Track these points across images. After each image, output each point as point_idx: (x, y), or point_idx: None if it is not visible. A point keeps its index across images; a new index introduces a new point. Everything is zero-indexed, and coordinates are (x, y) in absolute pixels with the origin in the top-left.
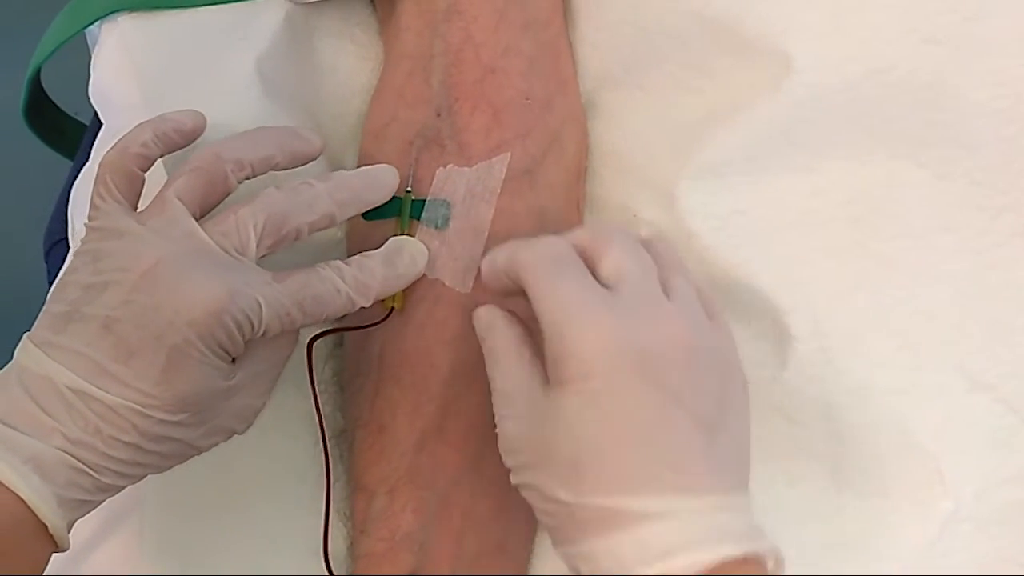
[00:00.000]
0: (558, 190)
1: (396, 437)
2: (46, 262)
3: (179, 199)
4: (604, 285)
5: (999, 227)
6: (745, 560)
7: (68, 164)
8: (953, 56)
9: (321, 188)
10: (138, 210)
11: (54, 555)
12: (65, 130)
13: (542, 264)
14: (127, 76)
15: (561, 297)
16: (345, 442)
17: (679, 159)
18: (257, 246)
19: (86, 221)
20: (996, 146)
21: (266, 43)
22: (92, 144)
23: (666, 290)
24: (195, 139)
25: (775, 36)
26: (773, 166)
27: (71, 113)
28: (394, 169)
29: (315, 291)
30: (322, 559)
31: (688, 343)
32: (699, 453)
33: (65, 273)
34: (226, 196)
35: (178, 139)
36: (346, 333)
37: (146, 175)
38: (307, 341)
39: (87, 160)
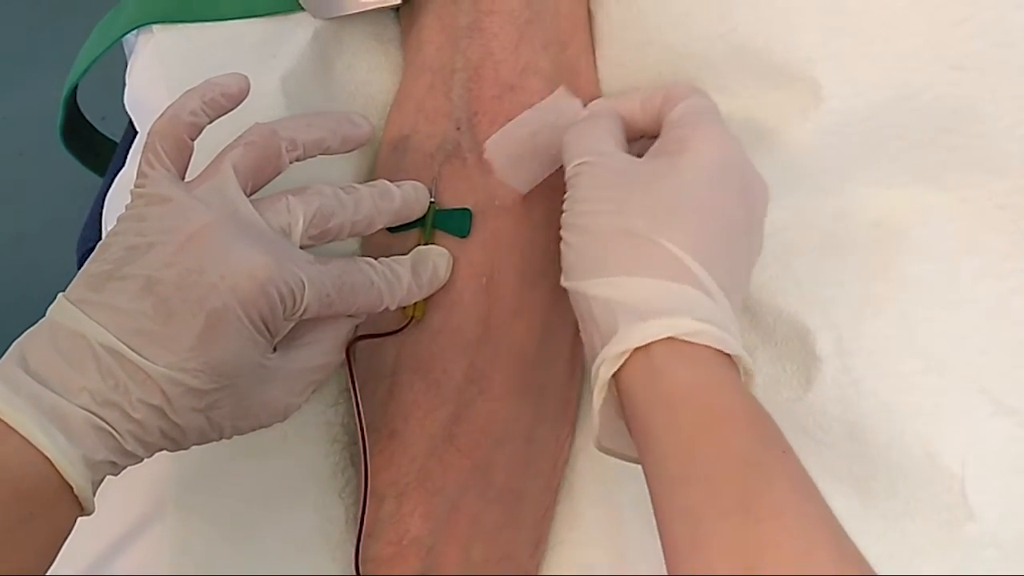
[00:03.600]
0: None
1: (407, 442)
2: (78, 269)
3: (233, 167)
4: None
5: (1022, 252)
6: (747, 369)
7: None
8: (979, 82)
9: (365, 192)
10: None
11: (78, 561)
12: (99, 149)
13: (689, 89)
14: (160, 85)
15: (704, 104)
16: (356, 448)
17: None
18: (302, 234)
19: (132, 188)
20: (1021, 171)
21: (292, 61)
22: (127, 152)
23: None
24: (241, 102)
25: (803, 62)
26: (799, 189)
27: (99, 121)
28: (424, 188)
29: (352, 279)
30: (353, 566)
31: (765, 203)
32: (743, 276)
33: (108, 236)
34: (276, 175)
35: (226, 103)
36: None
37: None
38: (345, 347)
39: (121, 167)
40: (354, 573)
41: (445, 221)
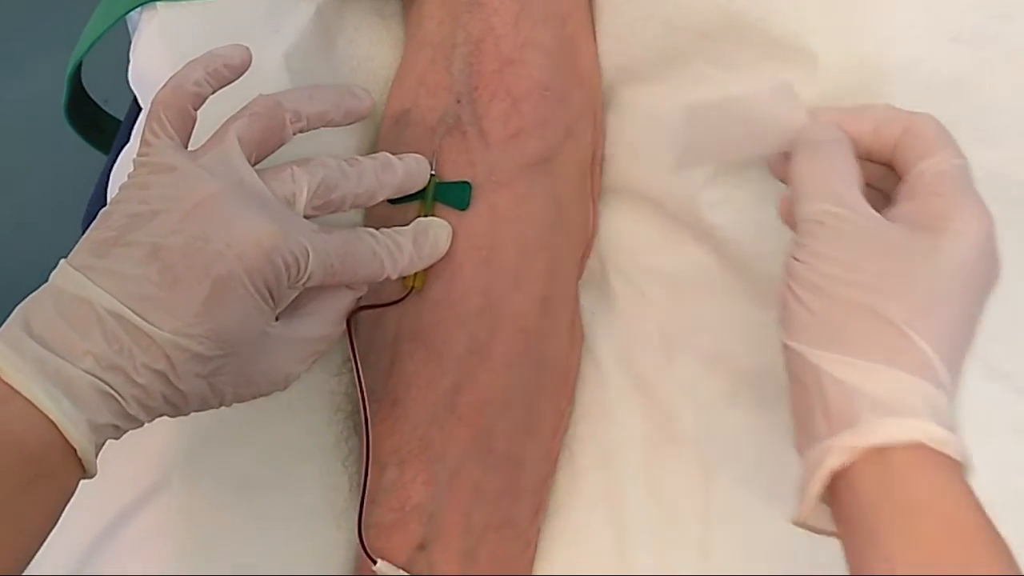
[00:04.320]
0: (573, 179)
1: (409, 411)
2: None
3: (238, 138)
4: None
5: (1017, 218)
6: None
7: (97, 158)
8: (976, 54)
9: (368, 164)
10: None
11: (85, 530)
12: (103, 127)
13: (941, 139)
14: (164, 61)
15: (960, 168)
16: (359, 418)
17: None
18: (306, 204)
19: (135, 157)
20: (1017, 140)
21: (295, 36)
22: (131, 129)
23: None
24: (243, 73)
25: (800, 34)
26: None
27: (103, 103)
28: (425, 161)
29: (355, 249)
30: (356, 532)
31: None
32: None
33: (111, 203)
34: (280, 146)
35: (228, 74)
36: (361, 312)
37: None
38: (346, 315)
39: (126, 143)
40: (357, 539)
41: (445, 194)
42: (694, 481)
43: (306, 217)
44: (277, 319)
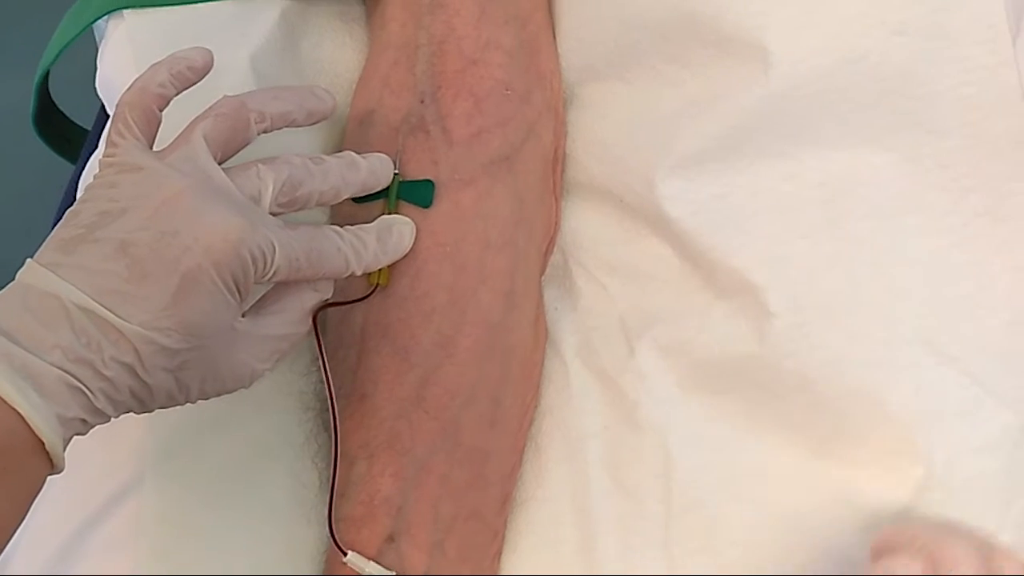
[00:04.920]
0: (535, 176)
1: (376, 405)
2: None
3: (204, 137)
4: None
5: (963, 208)
6: None
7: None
8: (921, 46)
9: (333, 163)
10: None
11: (57, 532)
12: (70, 136)
13: None
14: (132, 68)
15: None
16: (328, 415)
17: (659, 148)
18: (271, 201)
19: (101, 158)
20: (961, 131)
21: (261, 40)
22: (99, 136)
23: None
24: (206, 75)
25: (752, 29)
26: (749, 153)
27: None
28: (389, 160)
29: (320, 245)
30: (327, 526)
31: None
32: None
33: (77, 203)
34: (245, 146)
35: (192, 76)
36: (328, 309)
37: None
38: (311, 314)
39: (95, 150)
40: (328, 532)
41: (409, 192)
42: (656, 470)
43: (272, 214)
44: (244, 316)
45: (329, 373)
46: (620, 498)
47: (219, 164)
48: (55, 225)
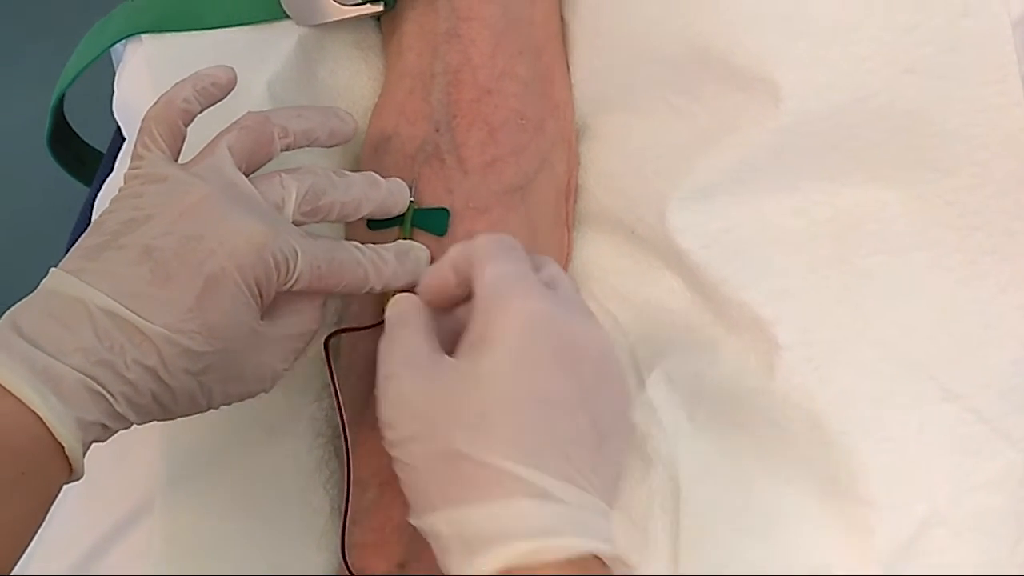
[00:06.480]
0: (547, 206)
1: None
2: None
3: (229, 149)
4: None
5: (969, 245)
6: (612, 559)
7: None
8: (931, 85)
9: (355, 177)
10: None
11: (68, 554)
12: (85, 158)
13: (494, 247)
14: (149, 90)
15: (503, 272)
16: (339, 442)
17: (670, 180)
18: (294, 209)
19: (127, 171)
20: (969, 170)
21: (277, 66)
22: (115, 159)
23: None
24: (230, 91)
25: (763, 65)
26: (759, 187)
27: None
28: (405, 185)
29: (340, 256)
30: (339, 552)
31: (606, 353)
32: (590, 452)
33: (103, 214)
34: (268, 160)
35: (216, 92)
36: (340, 335)
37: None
38: (323, 340)
39: (110, 172)
40: (341, 558)
41: (424, 220)
42: (665, 503)
43: (294, 223)
44: (261, 319)
45: (341, 400)
46: (628, 530)
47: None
48: (70, 246)
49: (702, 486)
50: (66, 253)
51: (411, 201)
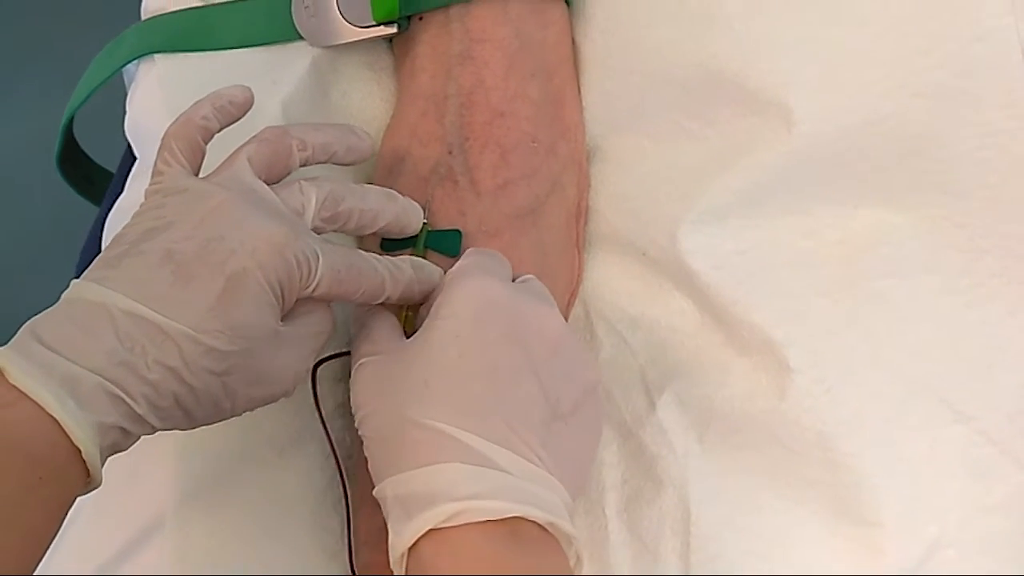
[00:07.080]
0: (559, 229)
1: None
2: None
3: (248, 160)
4: None
5: (979, 268)
6: (546, 525)
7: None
8: (941, 109)
9: (373, 188)
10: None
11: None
12: (94, 178)
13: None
14: (162, 110)
15: (469, 262)
16: (350, 462)
17: (682, 202)
18: (314, 215)
19: (148, 187)
20: (979, 193)
21: (291, 87)
22: (125, 178)
23: None
24: (247, 110)
25: (775, 88)
26: (770, 210)
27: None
28: (419, 206)
29: (359, 262)
30: (349, 571)
31: (562, 335)
32: (539, 426)
33: (124, 228)
34: (287, 173)
35: (234, 111)
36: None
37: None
38: (311, 366)
39: (120, 193)
40: None
41: (437, 241)
42: (675, 524)
43: (314, 230)
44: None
45: (330, 430)
46: (638, 551)
47: None
48: (80, 265)
49: (712, 508)
50: (76, 272)
51: (424, 222)
